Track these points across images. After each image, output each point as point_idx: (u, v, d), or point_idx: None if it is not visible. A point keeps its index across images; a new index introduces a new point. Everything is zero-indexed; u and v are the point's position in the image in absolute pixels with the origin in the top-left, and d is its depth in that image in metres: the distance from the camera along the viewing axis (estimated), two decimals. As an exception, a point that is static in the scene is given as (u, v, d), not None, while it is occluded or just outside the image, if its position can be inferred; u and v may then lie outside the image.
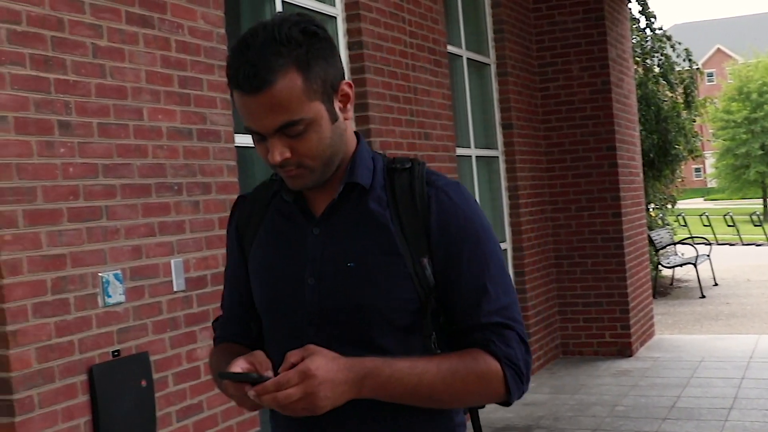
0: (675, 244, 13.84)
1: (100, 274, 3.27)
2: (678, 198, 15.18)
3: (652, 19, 13.23)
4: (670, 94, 13.51)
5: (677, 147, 12.88)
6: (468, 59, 7.22)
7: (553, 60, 8.23)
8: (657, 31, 13.33)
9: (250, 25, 1.59)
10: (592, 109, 8.14)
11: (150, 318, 3.51)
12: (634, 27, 12.87)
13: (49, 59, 3.12)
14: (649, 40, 13.24)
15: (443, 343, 1.61)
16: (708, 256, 13.70)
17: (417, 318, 1.59)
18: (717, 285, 13.47)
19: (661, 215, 14.52)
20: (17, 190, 2.97)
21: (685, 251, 15.22)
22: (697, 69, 14.22)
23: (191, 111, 3.80)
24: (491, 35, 7.61)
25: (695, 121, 14.39)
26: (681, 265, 13.00)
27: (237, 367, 1.46)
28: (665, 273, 13.97)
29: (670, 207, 14.92)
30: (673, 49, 13.44)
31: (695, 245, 13.99)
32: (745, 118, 40.18)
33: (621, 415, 6.13)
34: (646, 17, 13.24)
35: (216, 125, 3.92)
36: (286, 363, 1.43)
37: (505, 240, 7.66)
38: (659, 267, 12.97)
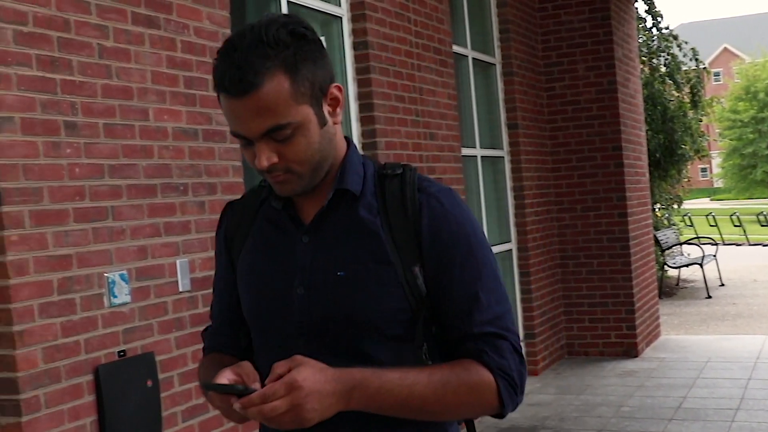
0: (681, 244, 13.82)
1: (105, 274, 3.28)
2: (684, 198, 15.13)
3: (658, 19, 13.18)
4: (676, 93, 13.47)
5: (683, 147, 12.84)
6: (473, 59, 7.22)
7: (559, 60, 8.21)
8: (663, 31, 13.28)
9: (255, 26, 1.59)
10: (598, 109, 8.12)
11: (155, 318, 3.52)
12: (640, 26, 12.83)
13: (56, 60, 3.13)
14: (656, 39, 13.20)
15: (435, 354, 1.57)
16: (714, 256, 13.66)
17: (408, 328, 1.55)
18: (723, 285, 13.44)
19: (667, 215, 14.48)
20: (24, 190, 2.97)
21: (692, 251, 15.19)
22: (704, 68, 14.17)
23: (197, 111, 3.80)
24: (497, 35, 7.60)
25: (702, 121, 14.35)
26: (687, 266, 12.97)
27: (223, 378, 1.42)
28: (671, 273, 13.94)
29: (676, 207, 14.88)
30: (680, 49, 13.39)
31: (701, 245, 13.95)
32: (752, 117, 40.12)
33: (627, 416, 6.12)
34: (652, 16, 13.19)
35: (221, 126, 3.93)
36: (272, 374, 1.39)
37: (511, 240, 7.66)
38: (665, 267, 12.94)
